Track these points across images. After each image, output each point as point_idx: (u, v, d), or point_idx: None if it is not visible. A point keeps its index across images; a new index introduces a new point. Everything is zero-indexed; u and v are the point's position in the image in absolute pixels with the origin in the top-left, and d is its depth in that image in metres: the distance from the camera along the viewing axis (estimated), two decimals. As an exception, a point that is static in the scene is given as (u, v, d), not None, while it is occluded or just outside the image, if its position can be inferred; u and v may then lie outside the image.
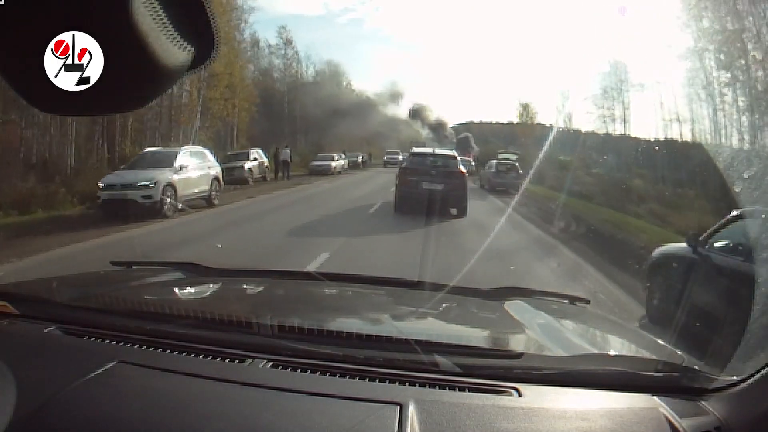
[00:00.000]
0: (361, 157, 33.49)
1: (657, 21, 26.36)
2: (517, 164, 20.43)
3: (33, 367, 1.11)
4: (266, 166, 21.35)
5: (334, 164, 26.64)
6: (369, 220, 11.43)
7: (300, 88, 35.39)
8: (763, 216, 3.86)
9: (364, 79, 58.97)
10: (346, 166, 29.22)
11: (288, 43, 34.48)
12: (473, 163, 28.34)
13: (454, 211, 12.13)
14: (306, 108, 34.55)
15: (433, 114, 41.60)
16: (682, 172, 17.48)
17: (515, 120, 38.35)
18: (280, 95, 33.93)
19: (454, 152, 13.84)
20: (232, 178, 17.80)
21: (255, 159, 20.75)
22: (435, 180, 11.93)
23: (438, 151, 13.53)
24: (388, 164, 31.30)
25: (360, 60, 57.56)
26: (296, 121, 34.79)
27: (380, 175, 24.81)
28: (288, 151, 23.88)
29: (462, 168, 12.60)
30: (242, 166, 19.34)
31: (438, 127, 41.57)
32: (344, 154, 30.05)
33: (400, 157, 27.65)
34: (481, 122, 42.65)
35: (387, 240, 8.97)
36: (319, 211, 11.99)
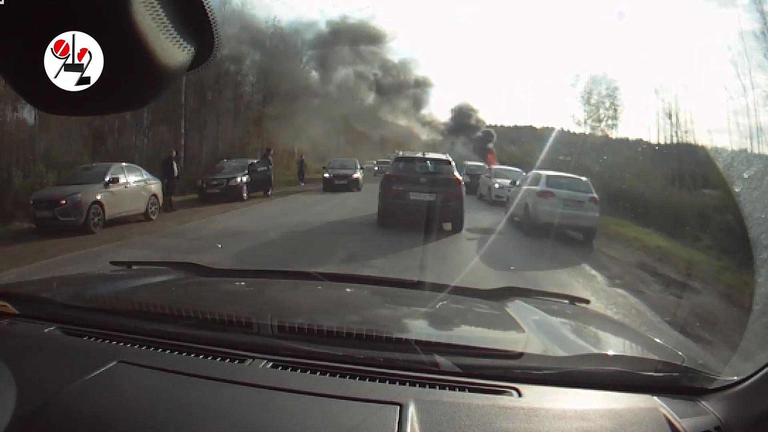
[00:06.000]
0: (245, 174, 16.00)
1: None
2: None
3: (33, 367, 1.11)
4: None
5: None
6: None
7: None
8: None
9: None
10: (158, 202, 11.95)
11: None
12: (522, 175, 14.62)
13: (448, 226, 10.25)
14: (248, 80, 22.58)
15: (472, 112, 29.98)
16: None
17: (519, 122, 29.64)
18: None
19: (447, 156, 11.77)
20: None
21: None
22: (425, 190, 10.18)
23: (429, 155, 11.67)
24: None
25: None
26: (218, 102, 22.09)
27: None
28: None
29: (458, 174, 10.94)
30: None
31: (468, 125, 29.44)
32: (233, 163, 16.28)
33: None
34: (488, 126, 38.65)
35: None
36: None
